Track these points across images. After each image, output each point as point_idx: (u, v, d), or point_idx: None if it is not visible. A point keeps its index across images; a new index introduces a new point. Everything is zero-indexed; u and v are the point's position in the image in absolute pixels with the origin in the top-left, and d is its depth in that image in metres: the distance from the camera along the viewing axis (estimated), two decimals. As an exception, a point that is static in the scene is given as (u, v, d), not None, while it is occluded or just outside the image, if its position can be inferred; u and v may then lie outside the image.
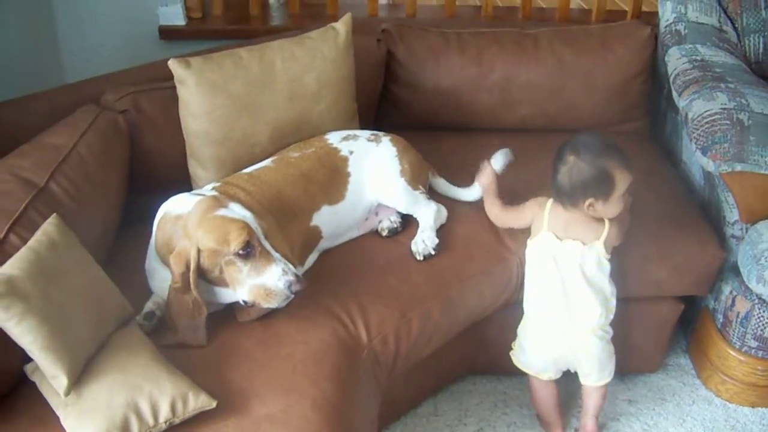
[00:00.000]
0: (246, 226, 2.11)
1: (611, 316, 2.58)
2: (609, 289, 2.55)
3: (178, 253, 2.12)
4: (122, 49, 3.92)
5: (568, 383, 2.75)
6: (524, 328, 2.66)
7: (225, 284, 2.16)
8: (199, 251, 2.10)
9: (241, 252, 2.08)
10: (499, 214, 2.67)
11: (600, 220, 2.50)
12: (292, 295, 2.12)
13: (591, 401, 2.70)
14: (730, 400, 2.95)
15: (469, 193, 2.85)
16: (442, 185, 2.90)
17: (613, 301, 2.57)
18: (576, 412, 2.86)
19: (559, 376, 2.69)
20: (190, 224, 2.13)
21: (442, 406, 2.91)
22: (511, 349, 2.72)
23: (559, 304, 2.52)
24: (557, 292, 2.52)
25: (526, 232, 2.62)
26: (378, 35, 3.25)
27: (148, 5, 3.89)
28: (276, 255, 2.14)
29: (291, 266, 2.14)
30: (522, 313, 2.66)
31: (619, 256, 2.65)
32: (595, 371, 2.61)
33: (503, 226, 2.69)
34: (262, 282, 2.11)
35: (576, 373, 2.67)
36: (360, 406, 2.18)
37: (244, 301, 2.16)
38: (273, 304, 2.13)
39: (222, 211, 2.15)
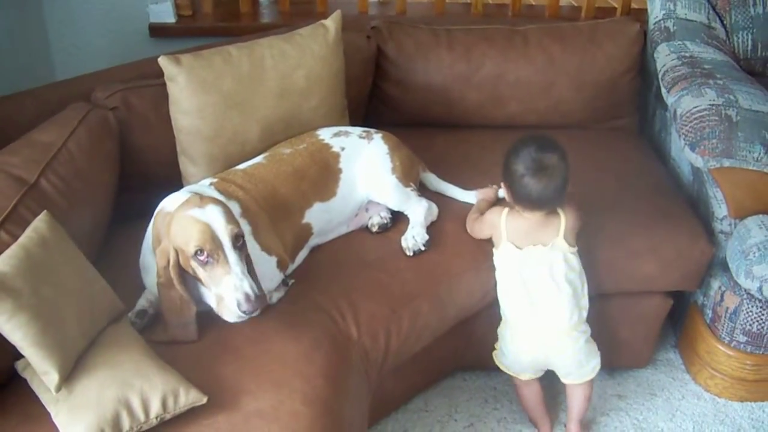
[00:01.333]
0: (206, 230, 2.04)
1: (585, 314, 2.57)
2: (580, 287, 2.55)
3: (162, 248, 2.12)
4: (112, 46, 3.93)
5: (554, 378, 2.75)
6: (502, 332, 2.66)
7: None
8: (175, 248, 2.10)
9: (195, 256, 2.04)
10: (472, 227, 2.67)
11: (554, 214, 2.51)
12: (244, 315, 2.04)
13: (575, 403, 2.69)
14: (719, 394, 2.96)
15: (461, 193, 2.86)
16: (433, 180, 2.90)
17: (585, 299, 2.57)
18: (565, 407, 2.86)
19: (541, 374, 2.70)
20: (171, 221, 2.11)
21: (433, 401, 2.92)
22: (494, 349, 2.73)
23: (525, 310, 2.53)
24: (523, 299, 2.52)
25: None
26: (368, 32, 3.25)
27: (138, 3, 3.90)
28: (236, 269, 2.05)
29: (247, 283, 2.04)
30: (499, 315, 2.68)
31: (608, 252, 2.67)
32: (573, 370, 2.61)
33: (472, 233, 2.67)
34: (219, 292, 2.07)
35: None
36: (350, 401, 2.19)
37: (212, 306, 2.13)
38: (227, 317, 2.07)
39: (193, 211, 2.07)
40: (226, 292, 2.04)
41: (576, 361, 2.59)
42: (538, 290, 2.51)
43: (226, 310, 2.06)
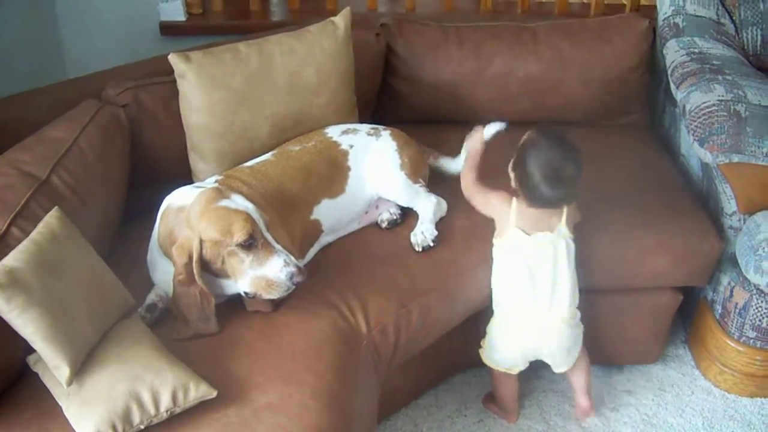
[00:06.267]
0: (249, 217, 2.13)
1: (577, 300, 2.59)
2: (575, 273, 2.55)
3: (180, 244, 2.13)
4: (123, 44, 3.95)
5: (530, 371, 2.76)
6: (494, 327, 2.65)
7: (227, 275, 2.18)
8: (201, 242, 2.12)
9: (243, 243, 2.10)
10: (469, 186, 2.59)
11: None
12: (294, 287, 2.14)
13: (577, 379, 2.72)
14: (729, 390, 2.96)
15: (457, 164, 2.85)
16: (443, 163, 2.94)
17: (577, 285, 2.58)
18: (570, 396, 2.87)
19: (526, 366, 2.70)
20: (193, 215, 2.14)
21: (443, 397, 2.93)
22: (480, 347, 2.72)
23: (528, 299, 2.52)
24: (525, 288, 2.51)
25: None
26: (377, 29, 3.26)
27: (148, 1, 3.92)
28: (277, 246, 2.15)
29: (292, 257, 2.15)
30: (491, 312, 2.67)
31: (617, 247, 2.67)
32: (562, 358, 2.63)
33: (468, 199, 2.61)
34: (263, 273, 2.13)
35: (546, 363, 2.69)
36: (359, 395, 2.20)
37: (245, 293, 2.17)
38: (274, 295, 2.15)
39: (224, 202, 2.16)
40: (274, 270, 2.12)
41: (567, 349, 2.61)
42: (543, 277, 2.50)
43: (274, 288, 2.14)
